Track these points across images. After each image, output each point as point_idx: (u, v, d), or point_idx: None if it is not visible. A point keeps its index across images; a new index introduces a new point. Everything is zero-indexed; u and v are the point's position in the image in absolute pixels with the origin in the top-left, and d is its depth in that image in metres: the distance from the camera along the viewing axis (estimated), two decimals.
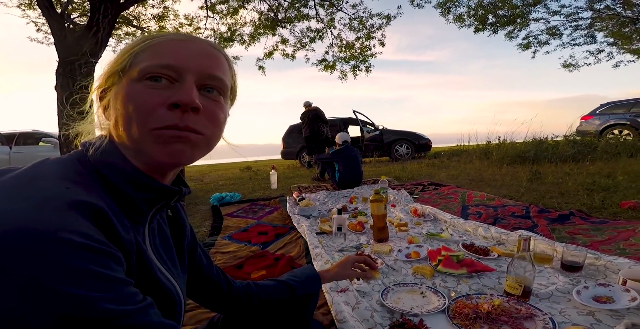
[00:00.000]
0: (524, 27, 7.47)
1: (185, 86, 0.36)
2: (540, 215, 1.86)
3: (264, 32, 6.94)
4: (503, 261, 1.33)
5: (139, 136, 0.36)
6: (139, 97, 0.36)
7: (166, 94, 0.36)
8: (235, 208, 2.71)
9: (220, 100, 0.40)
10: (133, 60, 0.37)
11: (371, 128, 6.90)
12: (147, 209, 0.39)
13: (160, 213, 0.44)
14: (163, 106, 0.36)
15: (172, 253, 0.47)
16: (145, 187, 0.38)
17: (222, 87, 0.40)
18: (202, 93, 0.38)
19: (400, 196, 2.69)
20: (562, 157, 4.15)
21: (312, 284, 0.75)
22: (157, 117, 0.35)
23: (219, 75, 0.39)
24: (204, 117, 0.38)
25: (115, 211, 0.34)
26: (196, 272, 0.58)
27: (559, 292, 1.05)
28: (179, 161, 0.37)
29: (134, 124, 0.35)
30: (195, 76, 0.37)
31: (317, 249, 1.52)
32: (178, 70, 0.37)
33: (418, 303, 1.04)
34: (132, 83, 0.36)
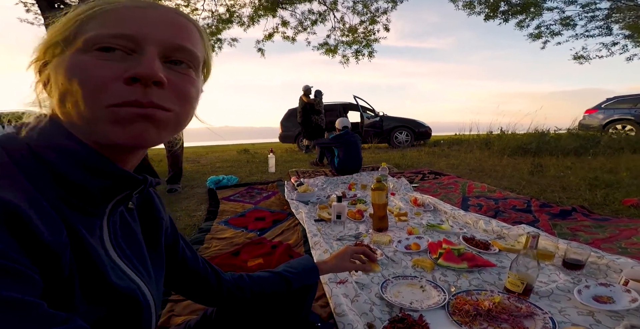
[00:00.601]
0: (536, 16, 7.24)
1: (145, 57, 0.31)
2: (542, 210, 1.83)
3: (264, 13, 6.67)
4: (504, 256, 1.31)
5: (91, 114, 0.30)
6: (85, 70, 0.29)
7: (121, 67, 0.30)
8: (232, 192, 2.67)
9: (190, 73, 0.35)
10: (79, 29, 0.31)
11: (371, 114, 6.80)
12: (105, 199, 0.34)
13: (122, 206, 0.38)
14: (118, 80, 0.30)
15: (140, 249, 0.42)
16: (100, 173, 0.32)
17: (192, 59, 0.35)
18: (168, 66, 0.33)
19: (400, 184, 2.65)
20: (564, 151, 4.12)
21: (309, 276, 0.72)
22: (112, 92, 0.29)
23: (188, 46, 0.34)
24: (171, 92, 0.33)
25: (41, 205, 0.28)
26: (180, 267, 0.54)
27: (559, 290, 1.03)
28: (143, 142, 0.32)
29: (82, 101, 0.29)
30: (158, 47, 0.32)
31: (315, 237, 1.49)
32: (136, 41, 0.31)
33: (418, 297, 1.02)
34: (76, 54, 0.30)
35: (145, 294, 0.38)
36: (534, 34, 7.68)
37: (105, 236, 0.36)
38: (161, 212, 0.49)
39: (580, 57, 8.04)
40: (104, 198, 0.34)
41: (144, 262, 0.42)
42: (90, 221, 0.34)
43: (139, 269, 0.39)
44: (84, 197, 0.32)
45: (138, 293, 0.37)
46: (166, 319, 0.95)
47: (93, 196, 0.33)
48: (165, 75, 0.31)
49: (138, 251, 0.41)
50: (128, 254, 0.39)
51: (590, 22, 7.35)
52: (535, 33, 7.66)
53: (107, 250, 0.36)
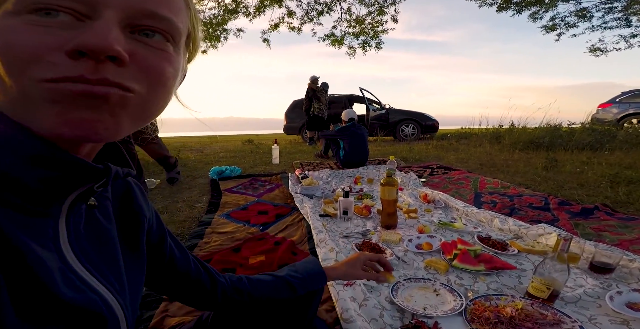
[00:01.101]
0: (551, 7, 7.00)
1: (97, 23, 0.23)
2: (561, 208, 1.73)
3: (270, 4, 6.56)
4: (523, 258, 1.22)
5: (17, 89, 0.22)
6: (10, 35, 0.22)
7: (66, 35, 0.22)
8: (234, 183, 2.60)
9: (167, 48, 0.27)
10: None
11: (377, 107, 6.68)
12: (57, 195, 0.27)
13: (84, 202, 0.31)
14: (58, 52, 0.22)
15: (113, 252, 0.35)
16: (42, 161, 0.24)
17: (170, 30, 0.27)
18: (135, 37, 0.25)
19: (408, 178, 2.56)
20: (579, 145, 3.96)
21: (315, 282, 0.65)
22: (48, 64, 0.22)
23: (164, 13, 0.26)
24: (137, 71, 0.25)
25: None
26: (168, 268, 0.47)
27: (587, 296, 0.94)
28: (93, 135, 0.24)
29: (5, 72, 0.22)
30: (120, 13, 0.24)
31: (320, 234, 1.41)
32: (90, 3, 0.23)
33: (431, 302, 0.94)
34: (2, 17, 0.22)
35: (110, 306, 0.32)
36: (548, 26, 7.44)
37: (62, 239, 0.29)
38: (142, 207, 0.42)
39: (596, 49, 7.78)
40: (54, 193, 0.27)
41: (116, 267, 0.35)
42: (38, 221, 0.27)
43: (106, 277, 0.33)
44: (24, 193, 0.25)
45: (100, 304, 0.30)
46: (159, 320, 0.88)
47: (37, 191, 0.26)
48: (129, 50, 0.24)
49: (109, 254, 0.35)
50: (93, 259, 0.32)
51: (608, 14, 7.08)
52: (550, 25, 7.42)
53: (64, 255, 0.29)
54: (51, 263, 0.27)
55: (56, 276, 0.27)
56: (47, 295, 0.26)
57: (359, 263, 0.71)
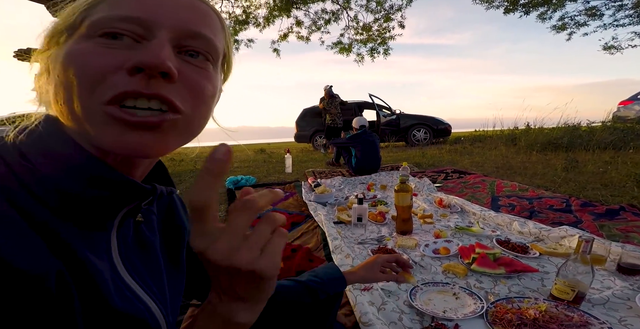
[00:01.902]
0: (559, 7, 6.96)
1: (153, 44, 0.26)
2: (584, 209, 1.67)
3: (279, 14, 6.77)
4: (545, 260, 1.19)
5: (85, 112, 0.25)
6: (83, 56, 0.25)
7: (126, 55, 0.25)
8: None
9: (208, 67, 0.30)
10: (86, 14, 0.26)
11: (388, 112, 6.69)
12: (111, 211, 0.29)
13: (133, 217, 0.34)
14: (120, 70, 0.25)
15: (156, 264, 0.37)
16: (99, 182, 0.27)
17: (211, 50, 0.29)
18: (182, 57, 0.28)
19: (422, 184, 2.54)
20: (600, 145, 3.82)
21: (335, 286, 0.67)
22: (109, 84, 0.24)
23: (206, 33, 0.29)
24: (183, 89, 0.27)
25: (13, 223, 0.23)
26: (203, 275, 0.50)
27: (616, 298, 0.91)
28: (143, 153, 0.26)
29: (76, 95, 0.25)
30: (171, 33, 0.27)
31: (336, 240, 1.43)
32: (146, 25, 0.26)
33: (451, 305, 0.94)
34: (78, 41, 0.26)
35: (154, 315, 0.34)
36: (557, 25, 7.36)
37: (114, 251, 0.31)
38: (183, 220, 0.44)
39: (610, 47, 7.58)
40: (108, 210, 0.29)
41: (159, 278, 0.37)
42: (95, 235, 0.29)
43: (151, 287, 0.35)
44: (83, 210, 0.28)
45: (147, 315, 0.32)
46: (188, 325, 0.92)
47: (94, 208, 0.28)
48: (178, 67, 0.26)
49: (153, 265, 0.37)
50: (140, 270, 0.34)
51: (619, 11, 6.95)
52: (559, 25, 7.34)
53: (116, 266, 0.31)
54: (106, 273, 0.29)
55: (110, 286, 0.29)
56: (103, 304, 0.28)
57: (376, 266, 0.71)
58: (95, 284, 0.27)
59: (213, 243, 0.24)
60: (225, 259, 0.23)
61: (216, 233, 0.24)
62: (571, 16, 7.21)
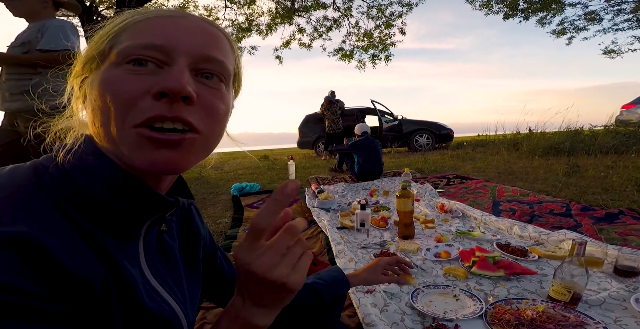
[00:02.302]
0: (558, 12, 7.04)
1: (174, 70, 0.29)
2: (584, 213, 1.70)
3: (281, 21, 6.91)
4: (544, 263, 1.22)
5: (118, 135, 0.29)
6: (116, 84, 0.29)
7: (151, 81, 0.29)
8: (255, 199, 2.71)
9: (221, 88, 0.33)
10: (113, 42, 0.31)
11: (390, 118, 6.74)
12: (138, 222, 0.33)
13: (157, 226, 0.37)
14: (147, 95, 0.28)
15: (177, 269, 0.41)
16: (132, 196, 0.31)
17: (223, 72, 0.33)
18: (198, 80, 0.31)
19: (424, 190, 2.57)
20: (602, 149, 3.83)
21: (339, 288, 0.70)
22: (139, 109, 0.28)
23: (219, 57, 0.32)
24: (201, 109, 0.31)
25: (66, 231, 0.27)
26: (217, 278, 0.54)
27: (612, 299, 0.94)
28: (168, 169, 0.30)
29: (112, 119, 0.29)
30: (188, 58, 0.30)
31: (339, 245, 1.46)
32: (166, 52, 0.30)
33: (452, 306, 0.97)
34: (110, 68, 0.30)
35: (178, 316, 0.37)
36: (557, 30, 7.45)
37: (141, 257, 0.35)
38: (199, 227, 0.48)
39: (610, 51, 7.64)
40: (138, 220, 0.33)
41: (179, 281, 0.40)
42: (126, 243, 0.33)
43: (173, 290, 0.38)
44: (118, 220, 0.32)
45: (171, 315, 0.35)
46: (199, 327, 0.96)
47: (126, 219, 0.32)
48: (195, 90, 0.30)
49: (174, 270, 0.40)
50: (163, 274, 0.38)
51: (618, 16, 7.02)
52: (559, 29, 7.43)
53: (143, 271, 0.35)
54: (138, 278, 0.33)
55: (142, 290, 0.32)
56: (137, 306, 0.32)
57: (378, 269, 0.75)
58: (130, 289, 0.31)
59: (258, 258, 0.29)
60: (265, 272, 0.29)
61: (262, 250, 0.29)
62: (570, 21, 7.30)
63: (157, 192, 0.32)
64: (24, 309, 0.22)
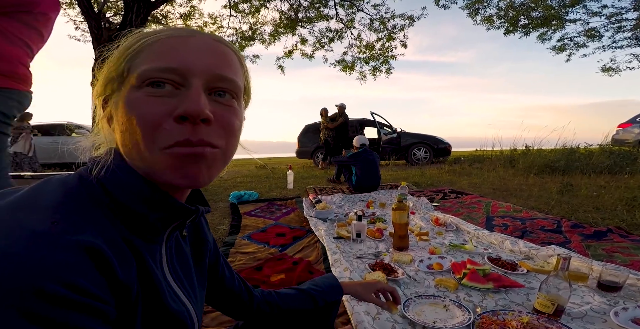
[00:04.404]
0: (559, 28, 7.08)
1: (191, 93, 0.32)
2: (574, 230, 1.75)
3: (284, 31, 7.01)
4: (532, 277, 1.26)
5: (150, 156, 0.32)
6: (140, 108, 0.31)
7: (172, 103, 0.32)
8: (252, 207, 2.74)
9: (234, 104, 0.36)
10: (130, 64, 0.33)
11: (389, 130, 6.82)
12: (163, 228, 0.37)
13: (177, 231, 0.41)
14: (169, 118, 0.31)
15: (190, 271, 0.44)
16: (161, 206, 0.34)
17: (235, 89, 0.35)
18: (212, 98, 0.34)
19: (420, 203, 2.62)
20: (596, 169, 3.90)
21: (333, 294, 0.72)
22: (165, 133, 0.31)
23: (230, 76, 0.35)
24: (218, 127, 0.34)
25: (116, 241, 0.30)
26: (218, 284, 0.56)
27: (593, 312, 0.98)
28: (196, 184, 0.34)
29: (142, 142, 0.31)
30: (202, 79, 0.33)
31: (335, 255, 1.50)
32: (181, 74, 0.32)
33: (441, 316, 1.00)
34: (132, 91, 0.32)
35: (192, 316, 0.40)
36: (557, 46, 7.46)
37: (163, 260, 0.38)
38: (207, 234, 0.51)
39: (609, 69, 7.67)
40: (162, 227, 0.36)
41: (192, 283, 0.43)
42: (153, 248, 0.36)
43: (188, 292, 0.41)
44: (147, 227, 0.35)
45: (187, 315, 0.38)
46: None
47: (154, 226, 0.35)
48: (211, 110, 0.32)
49: (188, 272, 0.43)
50: (180, 276, 0.41)
51: (618, 33, 7.07)
52: (559, 46, 7.44)
53: (165, 274, 0.38)
54: (162, 280, 0.36)
55: (166, 293, 0.35)
56: (162, 309, 0.34)
57: (372, 288, 0.76)
58: (157, 292, 0.34)
59: None
60: None
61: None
62: (570, 37, 7.29)
63: (181, 202, 0.36)
64: (86, 307, 0.25)
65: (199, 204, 0.41)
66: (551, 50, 7.60)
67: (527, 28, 6.92)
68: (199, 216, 0.39)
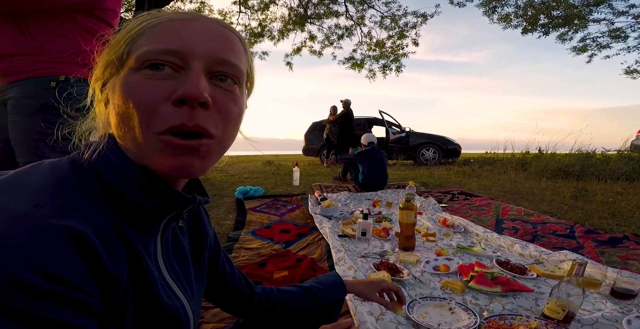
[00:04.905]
0: (581, 28, 6.71)
1: (191, 76, 0.30)
2: (587, 236, 1.69)
3: (293, 28, 6.92)
4: (542, 282, 1.22)
5: (143, 140, 0.30)
6: (138, 89, 0.30)
7: (170, 86, 0.30)
8: (258, 203, 2.75)
9: (235, 90, 0.34)
10: (131, 47, 0.32)
11: (397, 130, 6.73)
12: (158, 218, 0.35)
13: (174, 222, 0.39)
14: (167, 102, 0.30)
15: (187, 265, 0.42)
16: (155, 193, 0.32)
17: (237, 74, 0.33)
18: (213, 82, 0.32)
19: (427, 203, 2.58)
20: (613, 175, 3.76)
21: (336, 292, 0.70)
22: (161, 116, 0.30)
23: (232, 59, 0.33)
24: (215, 113, 0.32)
25: (105, 228, 0.29)
26: (218, 280, 0.54)
27: (605, 319, 0.94)
28: (188, 174, 0.32)
29: (137, 125, 0.30)
30: (203, 62, 0.31)
31: (339, 253, 1.49)
32: (182, 56, 0.30)
33: (446, 319, 0.98)
34: (130, 73, 0.31)
35: (187, 312, 0.38)
36: (578, 47, 7.10)
37: (158, 252, 0.36)
38: (207, 227, 0.49)
39: (633, 71, 7.29)
40: (157, 216, 0.34)
41: (189, 277, 0.42)
42: (147, 239, 0.34)
43: (184, 286, 0.39)
44: (141, 216, 0.33)
45: (181, 311, 0.37)
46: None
47: (148, 215, 0.33)
48: (211, 94, 0.31)
49: (185, 266, 0.41)
50: (176, 270, 0.39)
51: None
52: (580, 46, 7.08)
53: (159, 266, 0.36)
54: (155, 273, 0.34)
55: (159, 285, 0.33)
56: (155, 302, 0.33)
57: (377, 287, 0.73)
58: (150, 285, 0.32)
59: None
60: None
61: None
62: (593, 38, 6.93)
63: (177, 190, 0.34)
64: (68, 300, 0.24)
65: (198, 194, 0.39)
66: (571, 51, 7.26)
67: (547, 27, 6.61)
68: (196, 206, 0.37)
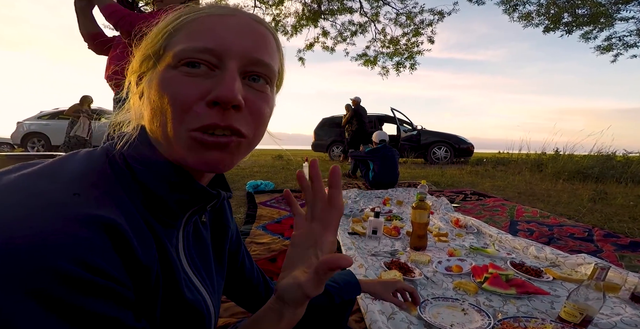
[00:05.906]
0: (606, 27, 6.43)
1: (226, 77, 0.30)
2: (607, 240, 1.63)
3: (307, 23, 6.88)
4: (558, 285, 1.19)
5: (175, 136, 0.31)
6: (175, 87, 0.30)
7: (205, 86, 0.30)
8: (268, 197, 2.77)
9: (267, 90, 0.34)
10: (168, 42, 0.32)
11: (408, 127, 6.65)
12: (181, 212, 0.35)
13: (196, 216, 0.39)
14: (202, 102, 0.30)
15: (208, 258, 0.42)
16: (181, 187, 0.33)
17: (269, 74, 0.33)
18: (246, 82, 0.32)
19: (439, 203, 2.55)
20: (635, 178, 3.62)
21: (351, 291, 0.70)
22: (195, 115, 0.30)
23: (266, 59, 0.33)
24: (248, 115, 0.32)
25: (136, 220, 0.29)
26: (237, 274, 0.54)
27: (624, 324, 0.92)
28: (216, 169, 0.32)
29: (170, 121, 0.30)
30: (238, 62, 0.31)
31: (350, 250, 1.49)
32: (218, 55, 0.31)
33: (459, 320, 0.97)
34: (167, 69, 0.31)
35: (208, 306, 0.38)
36: (602, 46, 6.82)
37: (180, 246, 0.36)
38: (229, 220, 0.49)
39: None
40: (180, 210, 0.35)
41: (210, 271, 0.42)
42: (170, 232, 0.35)
43: (205, 280, 0.39)
44: (165, 210, 0.33)
45: (203, 305, 0.37)
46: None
47: (171, 208, 0.34)
48: (243, 96, 0.31)
49: (206, 260, 0.42)
50: (197, 264, 0.39)
51: None
52: (605, 45, 6.80)
53: (181, 260, 0.36)
54: (179, 267, 0.34)
55: (182, 280, 0.34)
56: (178, 295, 0.33)
57: (392, 287, 0.73)
58: (174, 278, 0.33)
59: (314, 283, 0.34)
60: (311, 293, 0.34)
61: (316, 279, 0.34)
62: (620, 36, 6.63)
63: (202, 185, 0.34)
64: (107, 292, 0.24)
65: (221, 189, 0.39)
66: (595, 50, 6.98)
67: (570, 26, 6.37)
68: (220, 201, 0.37)
